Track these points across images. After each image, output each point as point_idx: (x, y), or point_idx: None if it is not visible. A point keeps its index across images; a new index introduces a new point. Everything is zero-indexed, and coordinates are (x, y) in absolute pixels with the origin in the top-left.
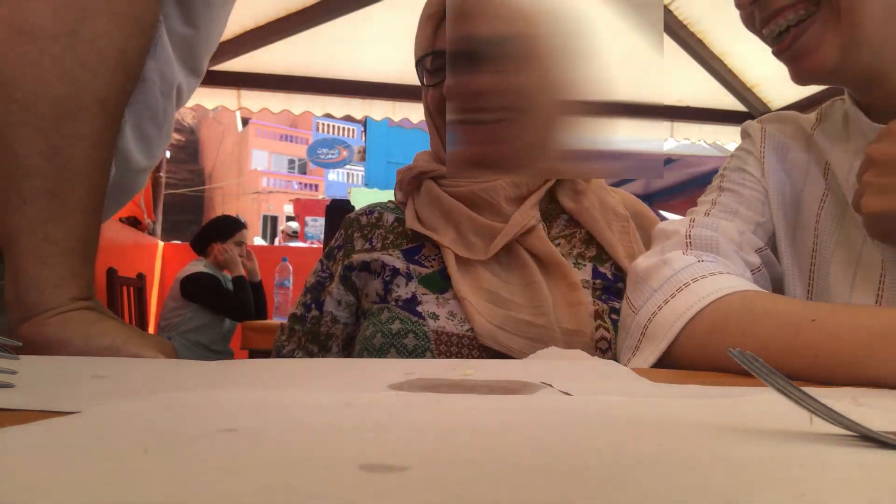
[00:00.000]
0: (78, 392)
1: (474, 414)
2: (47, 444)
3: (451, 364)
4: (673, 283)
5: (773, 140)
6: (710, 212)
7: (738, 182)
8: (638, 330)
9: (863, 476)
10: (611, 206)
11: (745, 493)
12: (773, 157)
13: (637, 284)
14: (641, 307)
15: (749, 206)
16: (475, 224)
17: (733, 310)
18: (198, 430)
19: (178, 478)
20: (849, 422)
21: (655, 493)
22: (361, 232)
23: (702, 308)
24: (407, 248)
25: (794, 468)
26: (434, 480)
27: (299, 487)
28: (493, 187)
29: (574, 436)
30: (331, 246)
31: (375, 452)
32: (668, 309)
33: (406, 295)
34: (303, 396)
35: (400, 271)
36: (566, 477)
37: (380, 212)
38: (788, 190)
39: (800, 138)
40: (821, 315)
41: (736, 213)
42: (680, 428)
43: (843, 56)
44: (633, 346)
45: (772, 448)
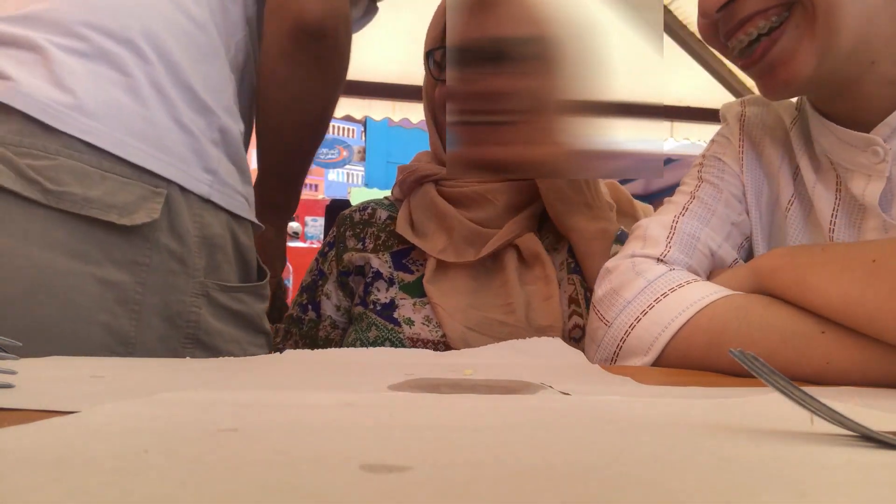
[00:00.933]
0: (77, 392)
1: (474, 414)
2: (47, 444)
3: (451, 364)
4: (649, 293)
5: (751, 131)
6: (688, 207)
7: (716, 174)
8: (613, 344)
9: (863, 476)
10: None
11: (745, 493)
12: (751, 152)
13: (608, 296)
14: (614, 320)
15: (727, 204)
16: (468, 231)
17: (729, 321)
18: (198, 430)
19: (178, 478)
20: (849, 422)
21: (655, 494)
22: (354, 230)
23: (690, 317)
24: (397, 249)
25: (795, 468)
26: (434, 480)
27: (299, 487)
28: (495, 188)
29: (574, 436)
30: (324, 243)
31: (375, 452)
32: (647, 321)
33: (384, 300)
34: (303, 396)
35: (383, 275)
36: (566, 477)
37: (373, 208)
38: (765, 189)
39: (778, 131)
40: (830, 326)
41: (713, 213)
42: (680, 428)
43: (819, 63)
44: (607, 359)
45: (772, 448)
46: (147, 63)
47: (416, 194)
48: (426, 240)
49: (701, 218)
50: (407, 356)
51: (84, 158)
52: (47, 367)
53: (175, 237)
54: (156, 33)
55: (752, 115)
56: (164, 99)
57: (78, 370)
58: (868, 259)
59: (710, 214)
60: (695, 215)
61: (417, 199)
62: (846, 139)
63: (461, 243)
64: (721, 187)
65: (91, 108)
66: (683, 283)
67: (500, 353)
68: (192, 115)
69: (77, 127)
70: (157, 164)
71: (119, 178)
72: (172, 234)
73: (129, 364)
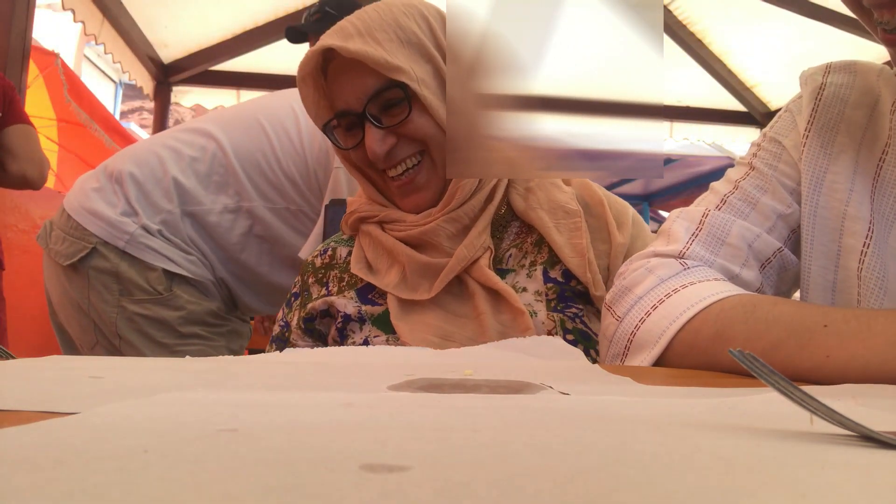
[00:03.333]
0: (77, 393)
1: (474, 414)
2: (47, 444)
3: (451, 364)
4: (661, 290)
5: (829, 107)
6: (727, 199)
7: (770, 162)
8: (624, 338)
9: (863, 476)
10: (560, 204)
11: (746, 493)
12: (819, 136)
13: (620, 294)
14: (625, 315)
15: (774, 195)
16: (419, 264)
17: (736, 315)
18: (198, 430)
19: (178, 478)
20: (849, 422)
21: (656, 494)
22: (316, 276)
23: (697, 312)
24: (362, 286)
25: (794, 468)
26: (434, 480)
27: (299, 487)
28: (431, 230)
29: (574, 436)
30: (290, 292)
31: (375, 452)
32: (657, 315)
33: (359, 341)
34: (303, 396)
35: (352, 317)
36: (566, 477)
37: (333, 248)
38: (827, 178)
39: (863, 105)
40: (833, 321)
41: (754, 206)
42: (680, 428)
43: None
44: (618, 354)
45: (772, 448)
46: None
47: (363, 233)
48: (380, 276)
49: (738, 211)
50: (407, 355)
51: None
52: (47, 367)
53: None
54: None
55: (834, 85)
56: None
57: (77, 370)
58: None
59: (750, 208)
60: (732, 208)
61: (365, 237)
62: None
63: (415, 277)
64: (771, 176)
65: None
66: (696, 281)
67: (499, 352)
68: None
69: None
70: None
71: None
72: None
73: (129, 364)
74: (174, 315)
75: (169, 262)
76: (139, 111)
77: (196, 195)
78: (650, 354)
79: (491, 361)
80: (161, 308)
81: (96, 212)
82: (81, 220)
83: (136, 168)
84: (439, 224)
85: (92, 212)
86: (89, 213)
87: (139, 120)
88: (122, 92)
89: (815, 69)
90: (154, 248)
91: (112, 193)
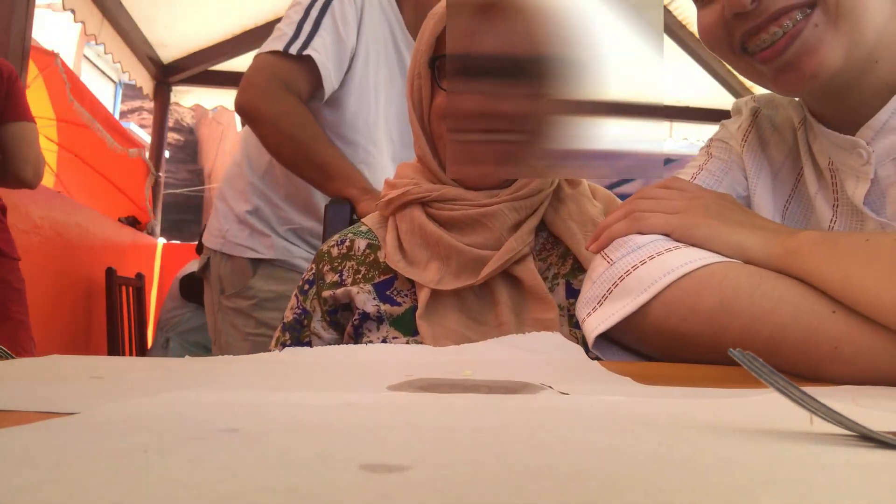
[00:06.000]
0: (76, 393)
1: (474, 414)
2: (47, 444)
3: (451, 363)
4: (662, 244)
5: (762, 126)
6: (695, 177)
7: (724, 153)
8: (609, 280)
9: (863, 476)
10: (591, 217)
11: (746, 493)
12: (756, 144)
13: (619, 242)
14: (620, 259)
15: (734, 179)
16: (464, 258)
17: (743, 286)
18: (198, 430)
19: (178, 478)
20: (849, 422)
21: (656, 494)
22: (332, 265)
23: (697, 267)
24: (379, 281)
25: (794, 468)
26: (434, 480)
27: (299, 487)
28: (492, 213)
29: (574, 436)
30: (303, 279)
31: (375, 452)
32: (654, 264)
33: (377, 341)
34: (303, 396)
35: (370, 315)
36: (566, 477)
37: (351, 239)
38: (763, 177)
39: (786, 133)
40: (841, 307)
41: (720, 184)
42: (680, 428)
43: (846, 55)
44: (598, 296)
45: (772, 448)
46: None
47: (403, 217)
48: (419, 270)
49: (710, 186)
50: (406, 354)
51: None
52: (47, 367)
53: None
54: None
55: (764, 113)
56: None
57: (77, 370)
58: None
59: (718, 184)
60: (704, 183)
61: (405, 223)
62: (836, 142)
63: (459, 269)
64: (729, 161)
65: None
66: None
67: (499, 348)
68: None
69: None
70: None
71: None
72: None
73: (129, 364)
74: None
75: (248, 251)
76: (139, 111)
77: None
78: (634, 301)
79: (490, 359)
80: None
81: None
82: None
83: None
84: (502, 209)
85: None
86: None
87: (139, 120)
88: (121, 92)
89: (748, 98)
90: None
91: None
